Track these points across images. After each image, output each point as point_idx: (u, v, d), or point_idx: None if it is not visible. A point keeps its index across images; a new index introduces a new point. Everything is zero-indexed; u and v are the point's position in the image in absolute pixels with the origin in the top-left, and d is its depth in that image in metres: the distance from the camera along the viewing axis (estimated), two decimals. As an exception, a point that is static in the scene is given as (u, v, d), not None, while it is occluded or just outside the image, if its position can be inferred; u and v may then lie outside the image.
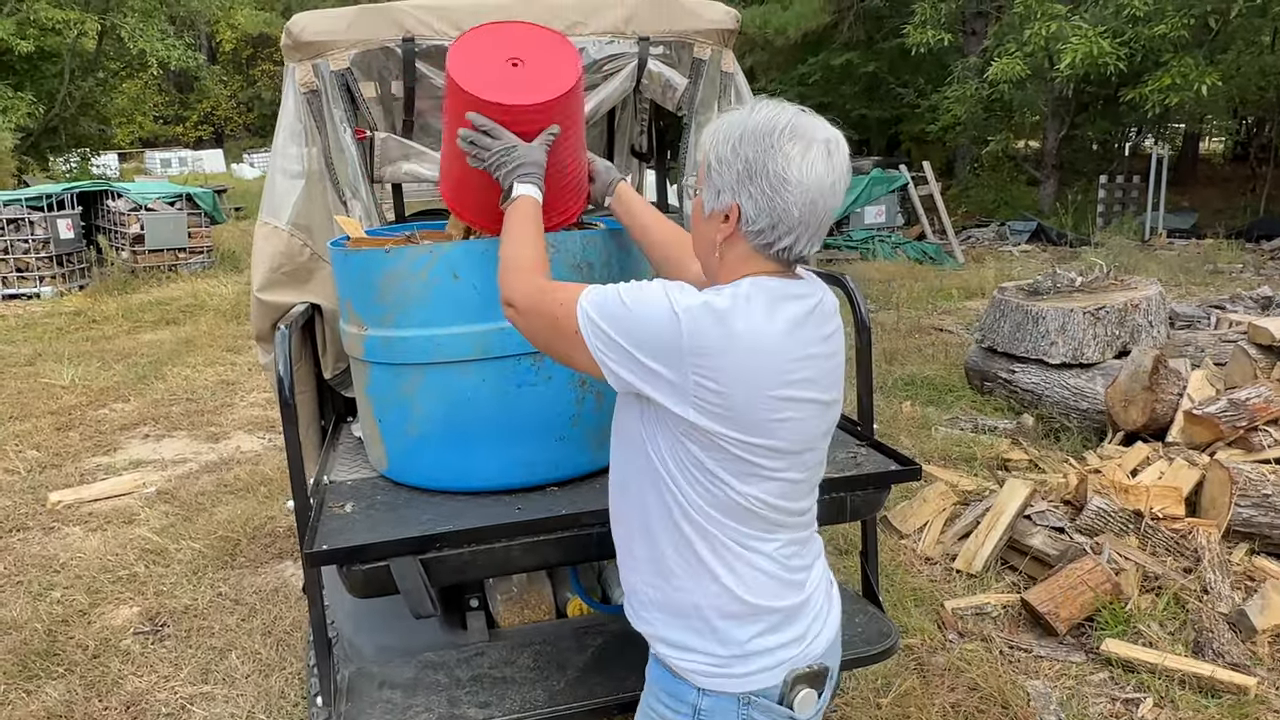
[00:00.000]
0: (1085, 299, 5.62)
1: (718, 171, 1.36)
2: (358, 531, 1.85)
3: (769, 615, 1.42)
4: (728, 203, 1.35)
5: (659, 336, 1.30)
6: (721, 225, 1.37)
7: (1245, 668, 2.97)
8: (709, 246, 1.42)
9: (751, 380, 1.30)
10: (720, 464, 1.34)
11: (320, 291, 2.43)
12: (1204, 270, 10.72)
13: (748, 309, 1.31)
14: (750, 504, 1.37)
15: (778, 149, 1.30)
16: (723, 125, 1.37)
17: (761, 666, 1.41)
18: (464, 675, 2.07)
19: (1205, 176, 21.05)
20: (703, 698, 1.41)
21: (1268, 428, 4.19)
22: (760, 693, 1.41)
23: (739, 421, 1.31)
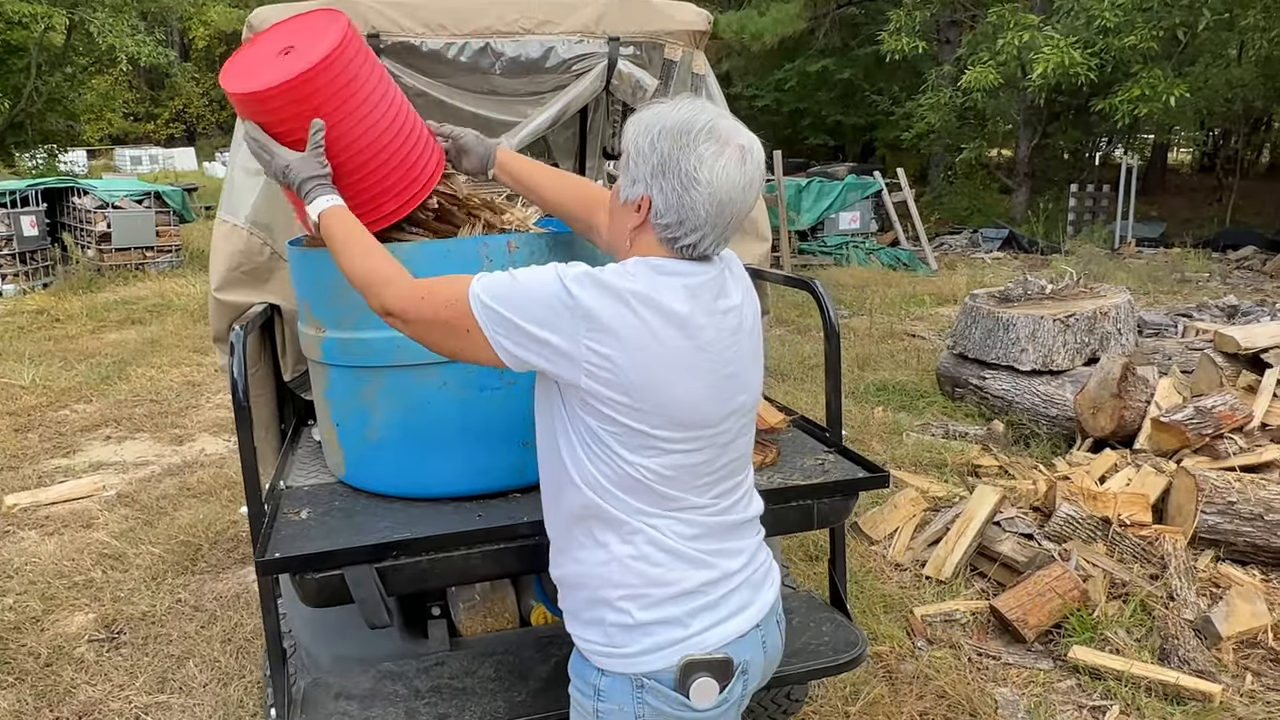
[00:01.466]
0: (1055, 306, 5.65)
1: (635, 162, 1.39)
2: (312, 539, 1.80)
3: (659, 595, 1.41)
4: (640, 194, 1.39)
5: (550, 307, 1.34)
6: (634, 214, 1.41)
7: (1210, 674, 2.98)
8: (622, 234, 1.46)
9: (634, 339, 1.33)
10: (614, 435, 1.37)
11: (279, 292, 2.37)
12: (1172, 279, 10.85)
13: (632, 275, 1.37)
14: (641, 475, 1.38)
15: (692, 148, 1.33)
16: (645, 117, 1.40)
17: (650, 647, 1.40)
18: (423, 686, 2.02)
19: (1173, 186, 21.36)
20: (601, 678, 1.43)
21: (1233, 435, 4.23)
22: (653, 675, 1.40)
23: (628, 386, 1.33)
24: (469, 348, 1.42)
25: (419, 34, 2.40)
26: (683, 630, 1.41)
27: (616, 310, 1.33)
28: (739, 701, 1.50)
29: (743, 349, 1.46)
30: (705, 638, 1.42)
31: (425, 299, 1.45)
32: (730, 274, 1.49)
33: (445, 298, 1.42)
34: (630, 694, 1.41)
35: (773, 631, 1.56)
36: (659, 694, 1.40)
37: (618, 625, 1.41)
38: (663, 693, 1.40)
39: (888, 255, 12.46)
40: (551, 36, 2.48)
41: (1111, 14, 11.34)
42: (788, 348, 7.80)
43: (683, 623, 1.41)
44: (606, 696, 1.43)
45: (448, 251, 1.85)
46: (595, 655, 1.45)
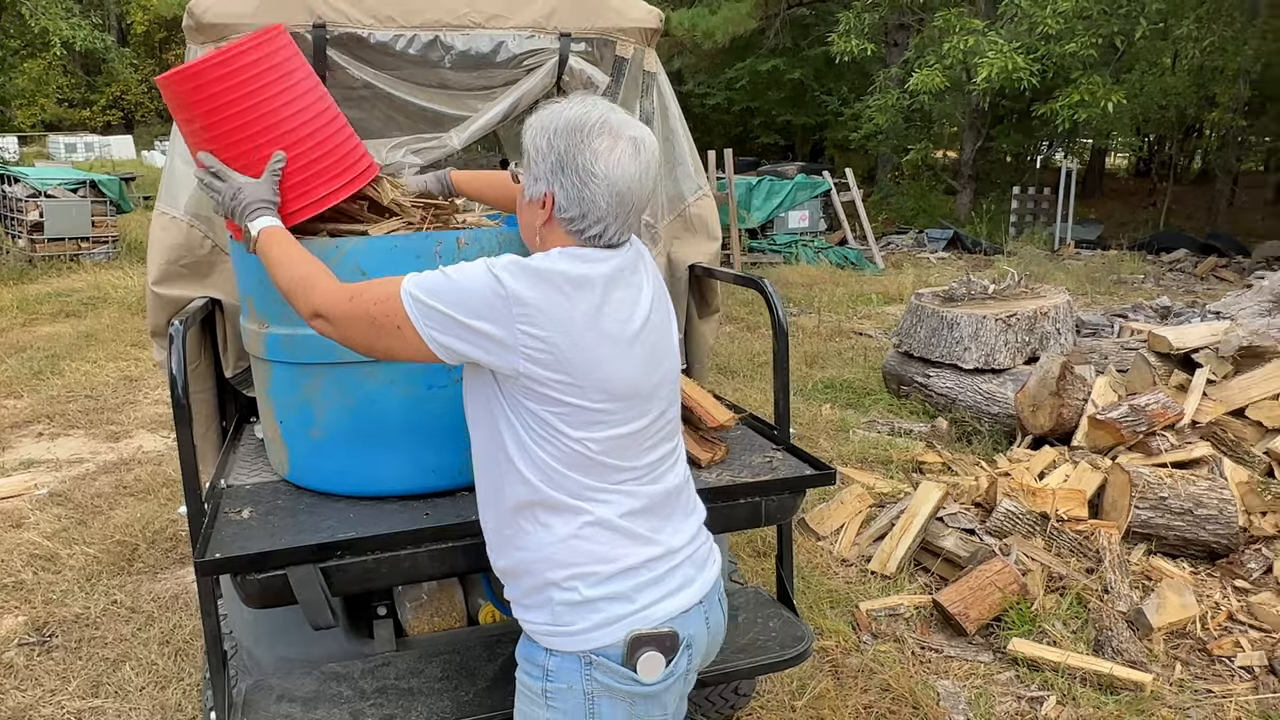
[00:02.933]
0: (997, 306, 5.78)
1: (535, 161, 1.45)
2: (254, 539, 1.76)
3: (606, 571, 1.44)
4: (543, 191, 1.45)
5: (483, 297, 1.38)
6: (539, 211, 1.47)
7: (1142, 665, 3.07)
8: (531, 230, 1.52)
9: (566, 319, 1.38)
10: (558, 415, 1.41)
11: (221, 286, 2.32)
12: (1109, 280, 11.16)
13: (555, 259, 1.42)
14: (587, 449, 1.42)
15: (587, 144, 1.40)
16: (541, 117, 1.46)
17: (599, 623, 1.43)
18: (368, 686, 2.00)
19: (1111, 190, 22.01)
20: (550, 658, 1.45)
21: (1165, 432, 4.37)
22: (601, 652, 1.43)
23: (566, 365, 1.38)
24: (399, 345, 1.43)
25: (366, 25, 2.36)
26: (629, 605, 1.44)
27: (546, 293, 1.38)
28: (684, 675, 1.53)
29: (660, 319, 1.55)
30: (651, 612, 1.45)
31: (354, 299, 1.46)
32: (639, 255, 1.56)
33: (375, 295, 1.44)
34: (579, 671, 1.44)
35: (715, 609, 1.60)
36: (607, 669, 1.43)
37: (565, 604, 1.44)
38: (611, 668, 1.43)
39: (836, 254, 12.61)
40: (502, 31, 2.46)
41: (1053, 21, 11.62)
42: (738, 345, 7.85)
43: (629, 598, 1.45)
44: (555, 676, 1.45)
45: (395, 246, 1.82)
46: (543, 636, 1.47)
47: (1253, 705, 2.90)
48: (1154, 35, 12.05)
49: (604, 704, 1.45)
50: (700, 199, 2.77)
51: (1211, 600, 3.49)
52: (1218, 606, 3.44)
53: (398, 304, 1.40)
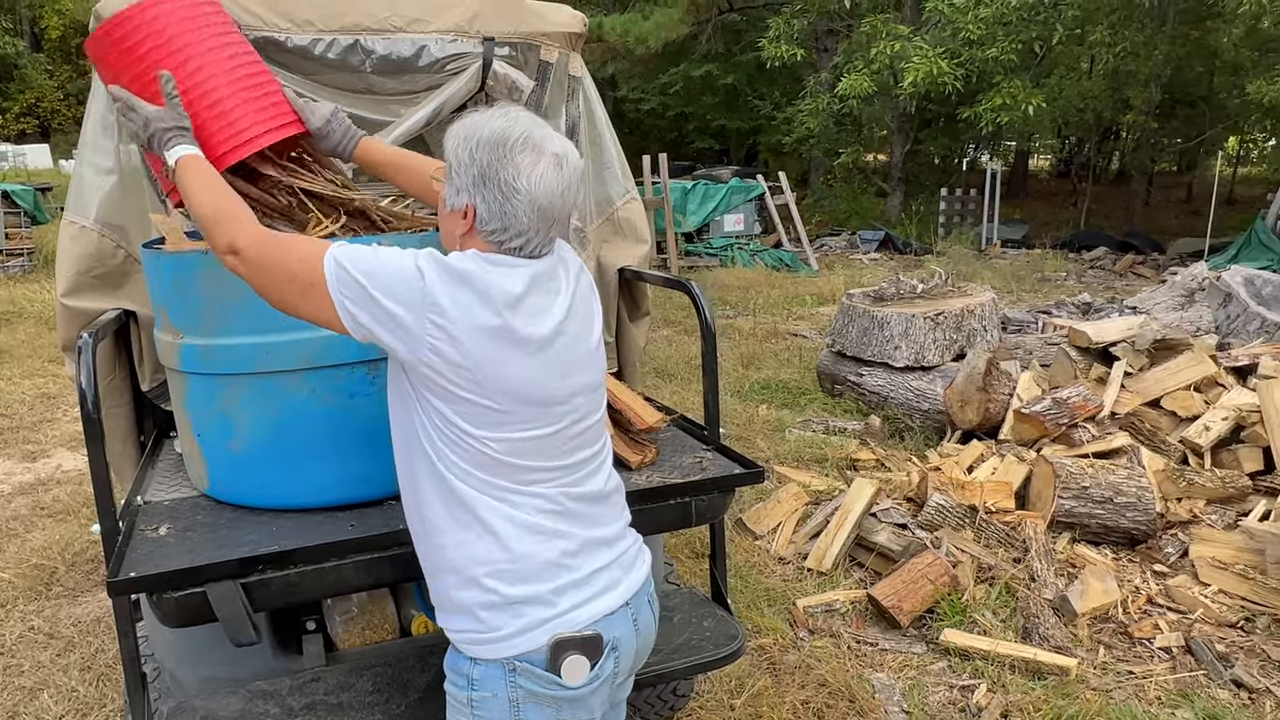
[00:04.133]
0: (926, 305, 5.91)
1: (457, 173, 1.44)
2: (171, 556, 1.71)
3: (523, 569, 1.44)
4: (464, 202, 1.44)
5: (403, 281, 1.38)
6: (460, 221, 1.46)
7: (1067, 650, 3.16)
8: (451, 239, 1.52)
9: (473, 319, 1.38)
10: (461, 415, 1.41)
11: (134, 297, 2.25)
12: (1033, 278, 11.49)
13: (469, 260, 1.42)
14: (492, 450, 1.42)
15: (509, 159, 1.40)
16: (463, 128, 1.45)
17: (521, 628, 1.43)
18: (297, 704, 1.95)
19: (1035, 191, 22.67)
20: (474, 666, 1.44)
21: (1087, 424, 4.51)
22: (524, 657, 1.42)
23: (469, 364, 1.38)
24: (308, 304, 1.42)
25: (284, 29, 2.32)
26: (550, 609, 1.44)
27: (458, 291, 1.38)
28: (611, 679, 1.52)
29: (577, 327, 1.53)
30: (574, 615, 1.45)
31: (277, 244, 1.46)
32: (561, 261, 1.56)
33: (299, 251, 1.44)
34: (504, 679, 1.43)
35: (644, 610, 1.59)
36: (531, 675, 1.42)
37: (486, 606, 1.43)
38: (535, 674, 1.42)
39: (771, 256, 12.76)
40: (424, 35, 2.44)
41: (975, 27, 11.94)
42: (674, 348, 7.89)
43: (550, 601, 1.44)
44: (480, 685, 1.44)
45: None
46: (467, 644, 1.46)
47: (1171, 684, 3.01)
48: (1071, 41, 12.48)
49: (529, 710, 1.44)
50: (628, 203, 2.78)
51: (1132, 585, 3.61)
52: (1138, 591, 3.57)
53: (318, 264, 1.39)
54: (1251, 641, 3.23)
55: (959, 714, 2.90)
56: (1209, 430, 4.36)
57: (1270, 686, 2.96)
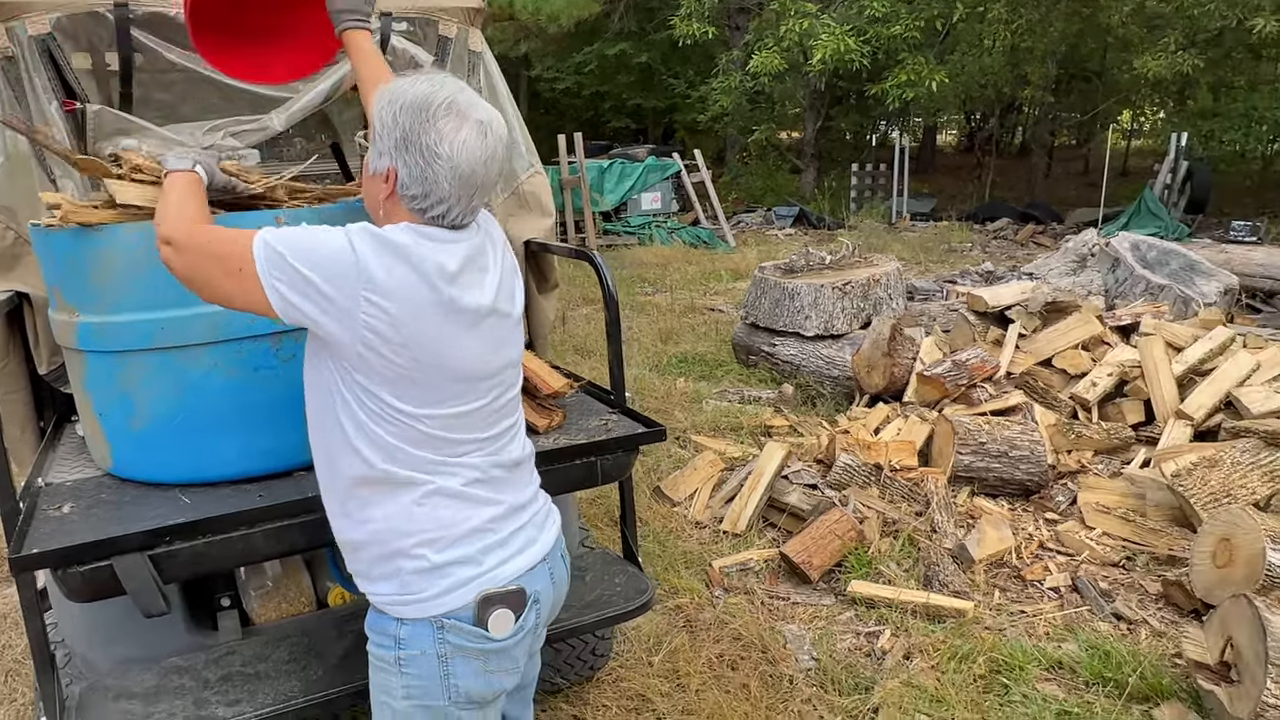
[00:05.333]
0: (834, 275, 6.09)
1: (380, 135, 1.43)
2: (75, 532, 1.71)
3: (451, 535, 1.48)
4: (386, 166, 1.44)
5: (336, 261, 1.36)
6: (382, 185, 1.45)
7: (965, 594, 3.35)
8: (375, 204, 1.50)
9: (412, 295, 1.38)
10: (395, 394, 1.41)
11: (27, 279, 2.20)
12: (941, 249, 11.88)
13: (405, 234, 1.42)
14: (426, 427, 1.44)
15: (432, 124, 1.39)
16: (389, 91, 1.44)
17: (448, 587, 1.47)
18: (213, 676, 1.97)
19: (942, 166, 23.32)
20: (401, 627, 1.48)
21: (984, 384, 4.74)
22: (452, 615, 1.47)
23: (405, 338, 1.38)
24: (238, 290, 1.39)
25: (173, 4, 2.29)
26: (478, 568, 1.49)
27: (394, 265, 1.37)
28: (533, 630, 1.60)
29: (505, 303, 1.56)
30: (499, 572, 1.51)
31: (205, 231, 1.45)
32: (489, 239, 1.58)
33: (228, 235, 1.42)
34: (431, 636, 1.47)
35: (559, 565, 1.67)
36: (459, 631, 1.47)
37: (415, 571, 1.46)
38: (463, 629, 1.47)
39: (689, 234, 12.89)
40: (320, 10, 2.43)
41: (879, 4, 12.23)
42: (594, 326, 7.94)
43: (477, 561, 1.49)
44: (408, 644, 1.47)
45: (211, 227, 1.79)
46: (393, 606, 1.48)
47: (1058, 620, 3.22)
48: (972, 18, 12.86)
49: (457, 663, 1.49)
50: (532, 176, 2.82)
51: (1026, 532, 3.84)
52: (1030, 537, 3.79)
53: (246, 247, 1.37)
54: (1131, 578, 3.47)
55: (865, 658, 3.06)
56: (1096, 386, 4.63)
57: (1146, 618, 3.19)
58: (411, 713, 1.50)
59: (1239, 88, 13.73)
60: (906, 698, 2.78)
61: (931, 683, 2.85)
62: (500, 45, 18.26)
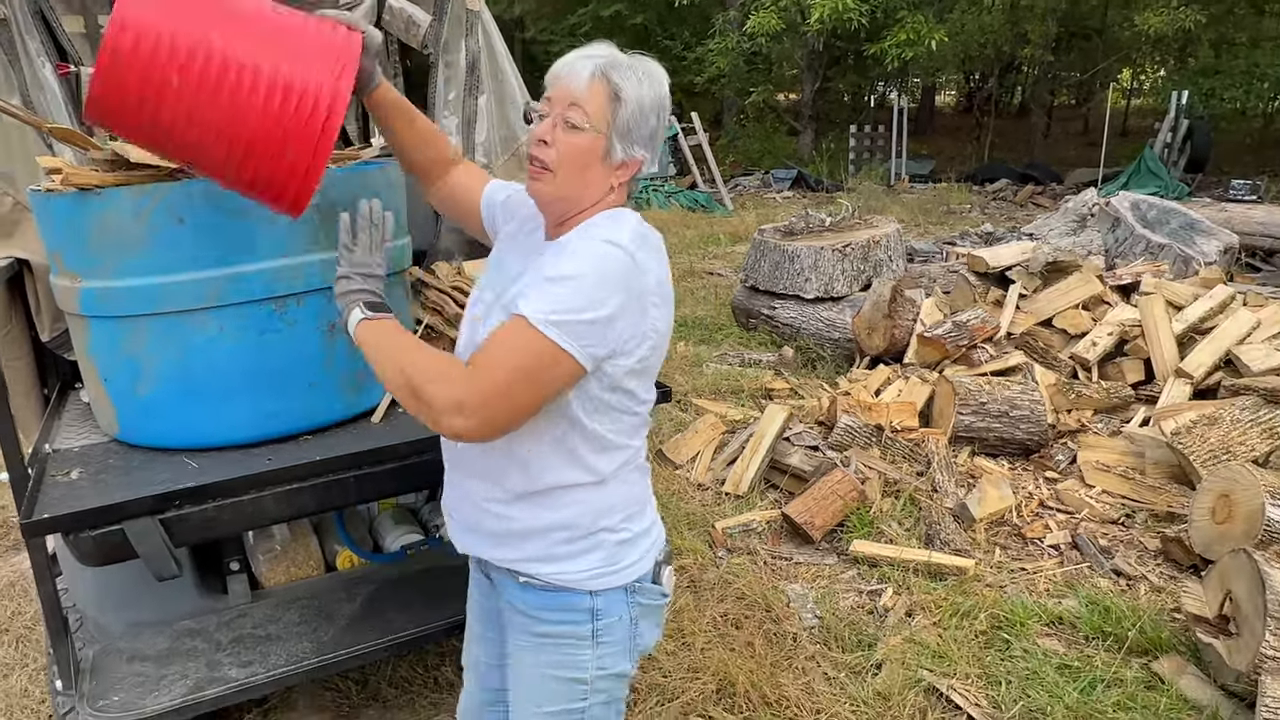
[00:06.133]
0: (834, 238, 6.06)
1: (636, 126, 1.39)
2: (85, 497, 1.71)
3: (641, 506, 1.55)
4: (638, 155, 1.42)
5: (624, 281, 1.30)
6: (620, 172, 1.42)
7: (966, 552, 3.38)
8: (601, 187, 1.42)
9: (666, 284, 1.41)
10: (642, 384, 1.44)
11: (27, 245, 2.19)
12: (940, 211, 11.84)
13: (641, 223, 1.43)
14: (643, 410, 1.48)
15: (663, 117, 1.43)
16: (645, 84, 1.40)
17: (638, 556, 1.52)
18: (224, 638, 2.00)
19: (941, 127, 23.15)
20: (596, 599, 1.49)
21: (985, 345, 4.75)
22: (642, 579, 1.53)
23: (667, 327, 1.43)
24: (556, 383, 1.30)
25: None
26: (653, 533, 1.56)
27: (659, 262, 1.40)
28: None
29: None
30: (660, 536, 1.59)
31: (492, 368, 1.27)
32: None
33: (510, 349, 1.26)
34: (624, 601, 1.51)
35: None
36: (645, 592, 1.53)
37: (619, 544, 1.49)
38: (648, 589, 1.53)
39: (686, 198, 12.82)
40: (316, -31, 2.39)
41: (878, -39, 12.07)
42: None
43: (649, 531, 1.55)
44: (604, 613, 1.50)
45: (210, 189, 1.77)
46: (589, 580, 1.47)
47: (1059, 577, 3.25)
48: (972, -25, 12.74)
49: (642, 624, 1.55)
50: (532, 137, 2.79)
51: (1026, 491, 3.86)
52: (1031, 496, 3.82)
53: (543, 341, 1.25)
54: (1130, 535, 3.50)
55: (867, 616, 3.09)
56: (1096, 345, 4.64)
57: (1145, 573, 3.23)
58: (598, 682, 1.52)
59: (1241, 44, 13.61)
60: (909, 654, 2.81)
61: (933, 639, 2.88)
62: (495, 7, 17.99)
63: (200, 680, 1.84)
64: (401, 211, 2.18)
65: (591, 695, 1.52)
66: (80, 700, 1.81)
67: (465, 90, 2.66)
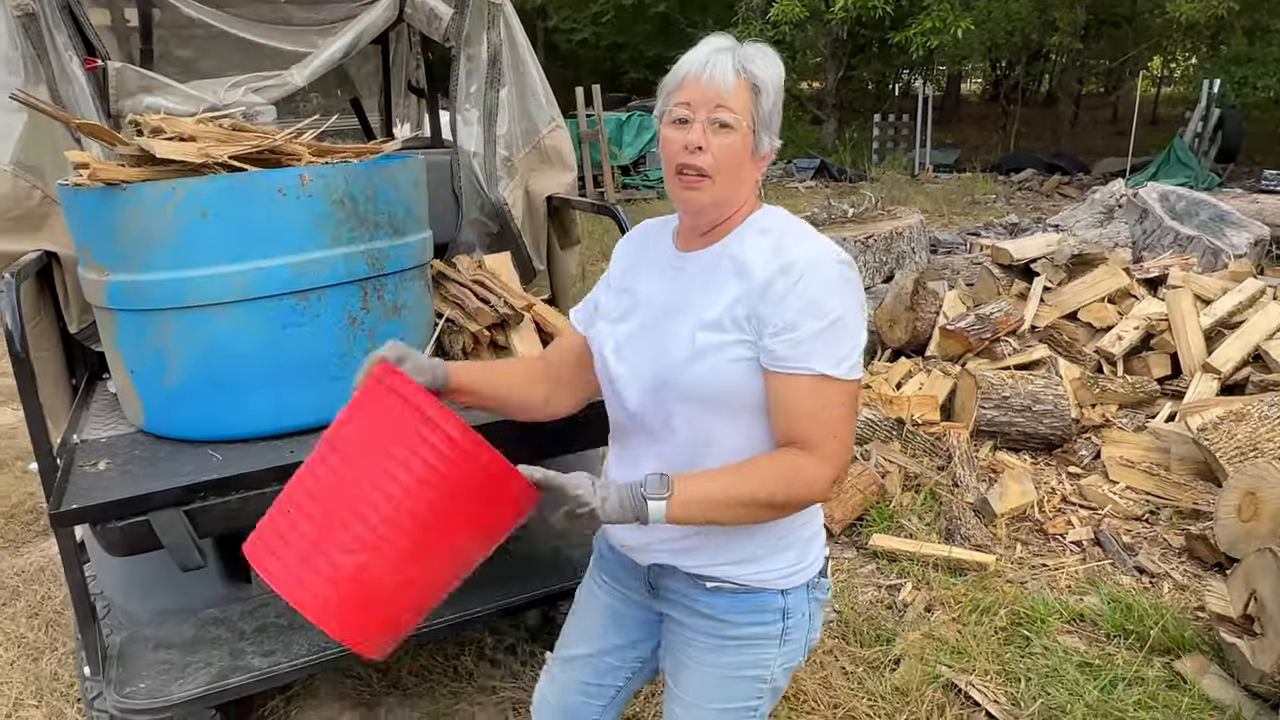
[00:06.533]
0: (857, 229, 6.03)
1: (774, 112, 1.38)
2: (112, 488, 1.74)
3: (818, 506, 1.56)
4: (776, 143, 1.41)
5: (858, 291, 1.36)
6: (760, 164, 1.42)
7: (986, 548, 3.37)
8: (747, 186, 1.42)
9: None
10: None
11: (56, 238, 2.23)
12: (964, 201, 11.73)
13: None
14: None
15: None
16: (772, 65, 1.37)
17: (818, 554, 1.55)
18: (248, 627, 2.03)
19: (967, 115, 22.91)
20: (785, 598, 1.50)
21: (1009, 338, 4.71)
22: (820, 574, 1.56)
23: None
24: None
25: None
26: (822, 531, 1.58)
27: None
28: None
29: None
30: (822, 529, 1.59)
31: (837, 434, 1.34)
32: None
33: (833, 404, 1.33)
34: (806, 597, 1.53)
35: None
36: (820, 586, 1.56)
37: (808, 539, 1.52)
38: (821, 583, 1.57)
39: (707, 188, 12.77)
40: (340, -37, 2.41)
41: (904, -51, 11.94)
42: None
43: (821, 526, 1.58)
44: (792, 611, 1.50)
45: (233, 186, 1.79)
46: (782, 579, 1.48)
47: (1080, 574, 3.23)
48: (999, -39, 12.57)
49: (815, 617, 1.57)
50: (553, 130, 2.80)
51: (1049, 486, 3.83)
52: (1053, 491, 3.79)
53: (851, 385, 1.33)
54: (1155, 532, 3.47)
55: (886, 610, 3.09)
56: (1121, 339, 4.59)
57: (1169, 571, 3.20)
58: (777, 679, 1.55)
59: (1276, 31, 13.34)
60: (928, 649, 2.81)
61: (953, 635, 2.88)
62: (516, -4, 18.00)
63: (224, 668, 1.87)
64: (423, 205, 2.19)
65: (768, 692, 1.55)
66: (107, 686, 1.84)
67: (487, 83, 2.67)
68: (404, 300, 2.07)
